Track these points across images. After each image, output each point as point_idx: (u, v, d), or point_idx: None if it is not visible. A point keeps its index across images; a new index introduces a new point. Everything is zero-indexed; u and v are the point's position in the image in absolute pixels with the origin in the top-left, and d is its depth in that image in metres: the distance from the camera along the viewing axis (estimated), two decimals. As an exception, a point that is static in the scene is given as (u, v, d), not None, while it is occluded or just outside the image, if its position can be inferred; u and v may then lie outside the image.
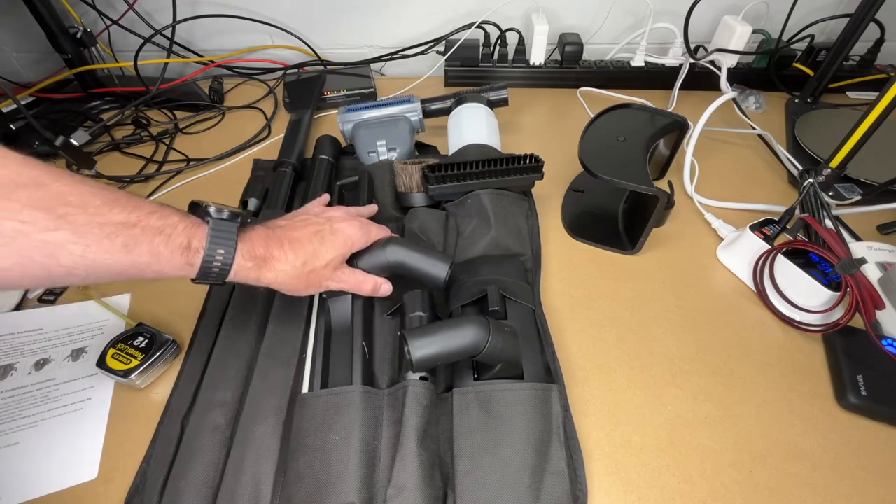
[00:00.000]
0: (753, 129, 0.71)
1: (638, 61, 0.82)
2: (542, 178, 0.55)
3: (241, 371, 0.43)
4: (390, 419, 0.38)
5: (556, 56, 0.83)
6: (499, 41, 0.81)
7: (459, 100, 0.67)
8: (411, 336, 0.36)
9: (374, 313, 0.47)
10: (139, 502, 0.36)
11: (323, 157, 0.63)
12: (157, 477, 0.37)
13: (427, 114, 0.69)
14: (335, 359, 0.43)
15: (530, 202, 0.59)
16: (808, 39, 0.77)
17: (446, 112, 0.68)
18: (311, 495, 0.34)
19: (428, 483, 0.34)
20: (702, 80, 0.77)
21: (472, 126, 0.63)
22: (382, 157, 0.62)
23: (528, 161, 0.53)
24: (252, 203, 0.59)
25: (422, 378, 0.39)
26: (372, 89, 0.81)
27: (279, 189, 0.60)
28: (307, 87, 0.79)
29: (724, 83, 0.71)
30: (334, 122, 0.77)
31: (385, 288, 0.43)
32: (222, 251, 0.34)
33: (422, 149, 0.70)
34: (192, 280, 0.35)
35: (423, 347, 0.35)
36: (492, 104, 0.68)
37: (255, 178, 0.65)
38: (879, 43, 0.75)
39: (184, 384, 0.43)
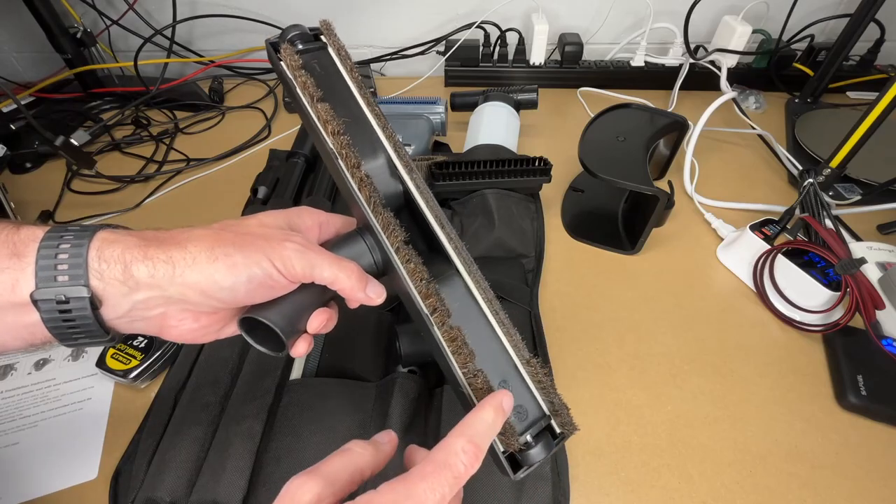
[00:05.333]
0: (753, 129, 0.71)
1: (638, 61, 0.82)
2: (549, 181, 0.55)
3: (234, 353, 0.43)
4: (378, 411, 0.38)
5: (556, 56, 0.83)
6: (499, 41, 0.81)
7: (485, 97, 0.67)
8: (402, 330, 0.36)
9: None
10: (129, 469, 0.37)
11: None
12: (147, 445, 0.38)
13: (455, 107, 0.70)
14: (329, 347, 0.43)
15: (537, 205, 0.59)
16: (808, 39, 0.77)
17: (472, 108, 0.69)
18: (289, 475, 0.34)
19: None
20: (702, 80, 0.77)
21: (489, 125, 0.63)
22: None
23: (535, 163, 0.54)
24: (261, 191, 0.60)
25: (410, 371, 0.39)
26: (372, 89, 0.80)
27: (289, 179, 0.61)
28: None
29: (724, 83, 0.71)
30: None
31: (375, 290, 0.30)
32: (69, 240, 0.23)
33: (435, 146, 0.70)
34: (36, 306, 0.23)
35: (413, 342, 0.36)
36: (519, 105, 0.68)
37: (269, 168, 0.65)
38: (879, 43, 0.75)
39: (181, 361, 0.44)
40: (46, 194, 0.63)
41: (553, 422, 0.29)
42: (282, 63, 0.31)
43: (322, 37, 0.33)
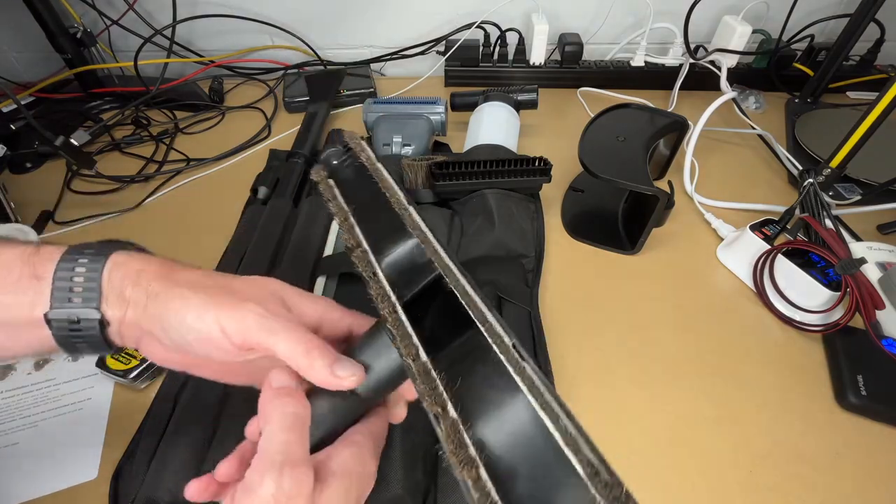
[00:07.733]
0: (753, 129, 0.71)
1: (638, 61, 0.82)
2: (549, 181, 0.55)
3: None
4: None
5: (556, 56, 0.83)
6: (499, 41, 0.81)
7: (485, 97, 0.68)
8: None
9: None
10: (129, 468, 0.37)
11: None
12: (147, 445, 0.38)
13: (455, 107, 0.70)
14: None
15: (537, 205, 0.59)
16: (808, 39, 0.77)
17: (472, 108, 0.69)
18: None
19: (408, 475, 0.35)
20: (702, 80, 0.77)
21: (489, 125, 0.63)
22: (395, 152, 0.62)
23: (535, 163, 0.54)
24: (262, 191, 0.60)
25: None
26: (372, 89, 0.80)
27: (289, 179, 0.61)
28: (327, 80, 0.80)
29: (724, 83, 0.71)
30: (347, 119, 0.78)
31: (346, 369, 0.24)
32: (84, 263, 0.25)
33: (435, 146, 0.71)
34: (49, 325, 0.25)
35: None
36: (519, 105, 0.68)
37: (269, 168, 0.65)
38: (879, 43, 0.75)
39: None
40: (46, 194, 0.63)
41: None
42: (319, 186, 0.31)
43: (350, 147, 0.33)
